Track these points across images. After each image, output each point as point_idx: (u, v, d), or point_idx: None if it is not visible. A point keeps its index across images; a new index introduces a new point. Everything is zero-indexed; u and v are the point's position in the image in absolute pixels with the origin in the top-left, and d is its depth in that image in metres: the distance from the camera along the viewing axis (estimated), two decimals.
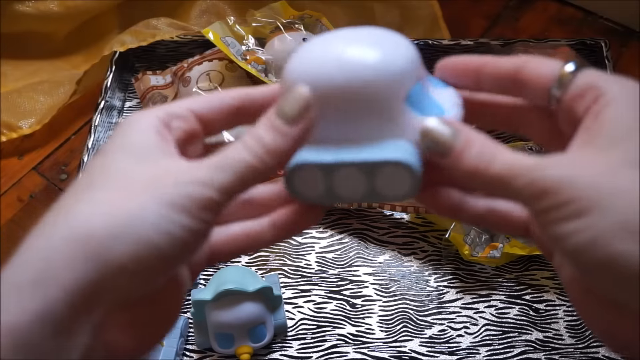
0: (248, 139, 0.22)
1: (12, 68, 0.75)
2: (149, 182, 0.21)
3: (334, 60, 0.23)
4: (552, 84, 0.22)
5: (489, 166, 0.21)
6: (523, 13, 0.78)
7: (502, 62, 0.24)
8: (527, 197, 0.20)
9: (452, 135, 0.22)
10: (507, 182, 0.20)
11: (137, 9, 0.77)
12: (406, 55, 0.24)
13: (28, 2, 0.72)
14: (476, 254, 0.56)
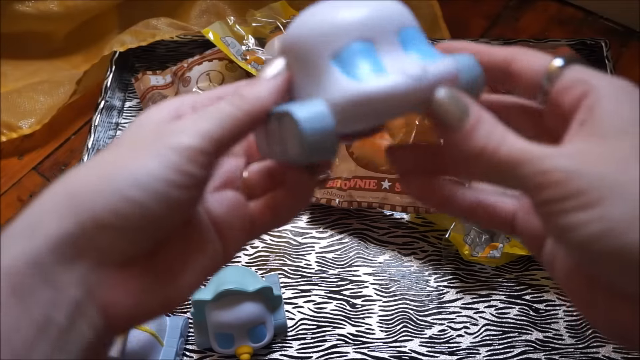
0: (229, 96, 0.23)
1: (12, 68, 0.75)
2: (139, 141, 0.21)
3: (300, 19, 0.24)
4: (542, 77, 0.22)
5: (497, 148, 0.20)
6: (523, 13, 0.78)
7: (495, 52, 0.24)
8: (534, 185, 0.20)
9: (464, 108, 0.21)
10: (514, 168, 0.20)
11: (137, 9, 0.77)
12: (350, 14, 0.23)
13: (28, 2, 0.72)
14: (476, 254, 0.56)
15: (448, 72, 0.22)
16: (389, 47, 0.23)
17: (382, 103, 0.21)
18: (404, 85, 0.21)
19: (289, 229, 0.62)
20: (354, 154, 0.63)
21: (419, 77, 0.22)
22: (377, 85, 0.21)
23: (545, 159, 0.20)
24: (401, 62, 0.22)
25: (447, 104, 0.21)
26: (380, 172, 0.60)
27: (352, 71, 0.22)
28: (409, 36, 0.23)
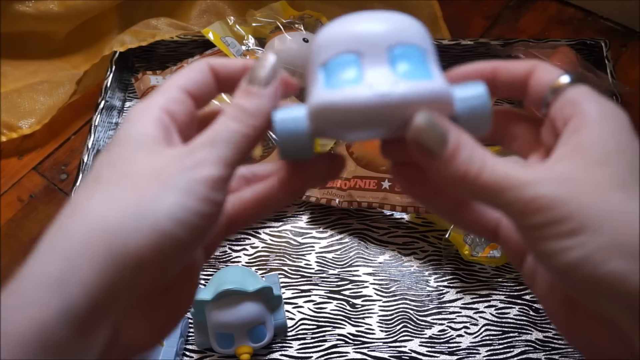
0: (230, 110, 0.23)
1: (12, 68, 0.75)
2: (155, 173, 0.21)
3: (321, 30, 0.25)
4: (547, 91, 0.22)
5: (478, 174, 0.20)
6: (523, 13, 0.78)
7: (515, 67, 0.24)
8: (518, 211, 0.20)
9: (442, 134, 0.21)
10: (497, 193, 0.20)
11: (137, 9, 0.77)
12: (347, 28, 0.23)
13: (28, 2, 0.72)
14: (476, 254, 0.56)
15: (426, 94, 0.21)
16: (375, 61, 0.22)
17: (344, 113, 0.22)
18: (365, 98, 0.21)
19: (289, 229, 0.62)
20: (354, 153, 0.63)
21: (383, 93, 0.21)
22: (338, 96, 0.22)
23: (528, 185, 0.20)
24: (378, 74, 0.22)
25: (423, 129, 0.21)
26: (380, 172, 0.60)
27: (331, 80, 0.23)
28: (403, 53, 0.23)
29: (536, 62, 0.23)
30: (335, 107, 0.22)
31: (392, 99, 0.21)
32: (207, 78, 0.24)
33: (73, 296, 0.19)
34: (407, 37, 0.23)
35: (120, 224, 0.19)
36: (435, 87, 0.22)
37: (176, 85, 0.24)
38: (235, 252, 0.61)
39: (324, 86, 0.22)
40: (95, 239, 0.19)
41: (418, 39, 0.23)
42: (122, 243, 0.19)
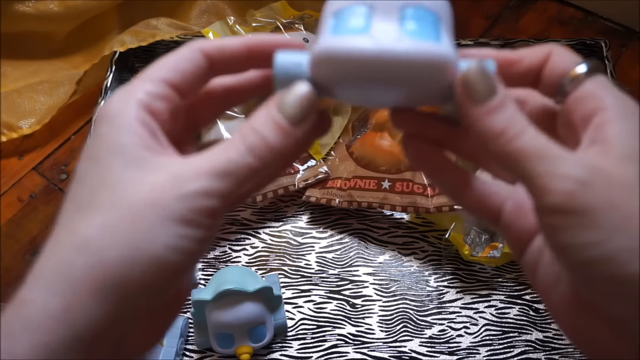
0: (250, 135, 0.21)
1: (12, 68, 0.75)
2: (152, 197, 0.20)
3: None
4: (563, 80, 0.22)
5: (516, 135, 0.20)
6: (523, 13, 0.78)
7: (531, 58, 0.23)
8: (542, 185, 0.19)
9: (492, 86, 0.20)
10: (527, 160, 0.19)
11: (137, 9, 0.77)
12: None
13: (28, 2, 0.72)
14: (476, 254, 0.56)
15: (430, 55, 0.21)
16: (385, 16, 0.22)
17: (344, 62, 0.21)
18: (366, 49, 0.20)
19: (289, 229, 0.62)
20: (354, 154, 0.63)
21: (384, 46, 0.20)
22: (340, 43, 0.21)
23: (561, 160, 0.19)
24: (383, 30, 0.21)
25: (475, 76, 0.20)
26: (380, 172, 0.60)
27: (337, 27, 0.22)
28: (415, 15, 0.22)
29: (551, 46, 0.23)
30: (335, 55, 0.21)
31: (394, 54, 0.20)
32: (198, 67, 0.23)
33: (78, 327, 0.19)
34: (424, 2, 0.22)
35: (120, 258, 0.19)
36: (441, 50, 0.21)
37: (159, 78, 0.22)
38: (235, 252, 0.61)
39: (330, 32, 0.22)
40: (97, 274, 0.19)
41: (435, 7, 0.22)
42: (123, 276, 0.19)
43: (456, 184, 0.24)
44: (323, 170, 0.62)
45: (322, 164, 0.63)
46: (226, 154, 0.21)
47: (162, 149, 0.21)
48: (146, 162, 0.21)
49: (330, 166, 0.63)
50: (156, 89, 0.22)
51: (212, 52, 0.23)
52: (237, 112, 0.63)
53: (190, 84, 0.23)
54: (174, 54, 0.23)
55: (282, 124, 0.21)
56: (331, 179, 0.62)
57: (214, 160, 0.20)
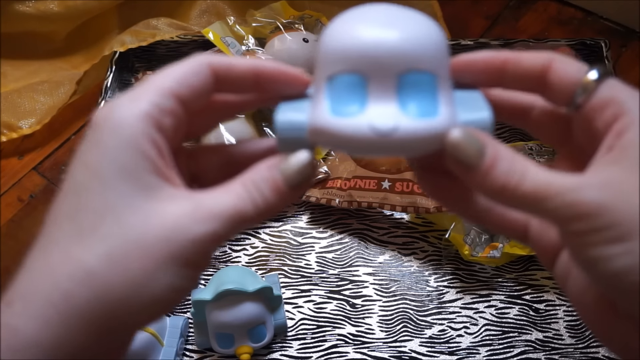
0: (252, 190, 0.21)
1: (12, 68, 0.75)
2: (163, 234, 0.20)
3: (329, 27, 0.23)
4: (575, 90, 0.21)
5: (519, 184, 0.20)
6: (523, 13, 0.78)
7: (528, 60, 0.22)
8: (563, 218, 0.19)
9: (480, 147, 0.20)
10: (540, 202, 0.19)
11: (137, 9, 0.77)
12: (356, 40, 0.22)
13: (28, 2, 0.72)
14: (476, 254, 0.56)
15: (428, 135, 0.21)
16: (382, 88, 0.22)
17: (343, 144, 0.21)
18: (363, 136, 0.21)
19: (289, 229, 0.62)
20: None
21: (382, 133, 0.21)
22: (338, 127, 0.21)
23: (572, 191, 0.19)
24: (381, 109, 0.21)
25: (461, 144, 0.20)
26: (380, 172, 0.60)
27: (333, 101, 0.22)
28: (413, 82, 0.22)
29: (551, 55, 0.22)
30: (335, 136, 0.21)
31: (392, 140, 0.21)
32: (205, 83, 0.22)
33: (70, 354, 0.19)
34: (422, 60, 0.22)
35: (125, 294, 0.19)
36: (439, 126, 0.21)
37: (168, 91, 0.21)
38: (235, 252, 0.61)
39: (328, 111, 0.22)
40: (100, 310, 0.19)
41: (433, 61, 0.22)
42: (125, 313, 0.19)
43: (477, 211, 0.24)
44: (323, 170, 0.62)
45: (322, 164, 0.63)
46: (233, 201, 0.21)
47: (169, 174, 0.21)
48: (156, 190, 0.20)
49: (330, 166, 0.63)
50: (165, 103, 0.21)
51: (220, 70, 0.22)
52: None
53: (196, 99, 0.22)
54: (182, 65, 0.22)
55: (281, 187, 0.22)
56: (331, 179, 0.62)
57: (224, 205, 0.21)
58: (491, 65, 0.23)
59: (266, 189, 0.21)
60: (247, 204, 0.21)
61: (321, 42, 0.23)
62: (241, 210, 0.21)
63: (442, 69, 0.22)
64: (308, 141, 0.22)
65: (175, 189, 0.21)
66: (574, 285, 0.23)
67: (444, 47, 0.22)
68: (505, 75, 0.23)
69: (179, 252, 0.20)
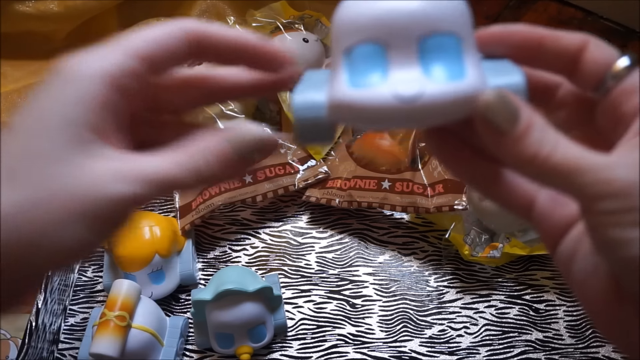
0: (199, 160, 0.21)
1: (12, 68, 0.75)
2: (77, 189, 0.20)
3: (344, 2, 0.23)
4: (606, 75, 0.21)
5: (550, 155, 0.19)
6: (523, 13, 0.78)
7: (566, 39, 0.22)
8: (591, 195, 0.19)
9: (515, 112, 0.20)
10: (569, 176, 0.19)
11: (137, 9, 0.77)
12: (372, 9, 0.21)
13: (28, 2, 0.72)
14: (476, 254, 0.56)
15: (456, 98, 0.20)
16: (403, 54, 0.21)
17: (366, 117, 0.20)
18: (387, 105, 0.20)
19: (289, 229, 0.62)
20: (354, 153, 0.63)
21: (407, 99, 0.20)
22: (360, 98, 0.20)
23: (606, 169, 0.19)
24: (404, 75, 0.20)
25: (495, 106, 0.20)
26: (380, 172, 0.60)
27: (352, 73, 0.21)
28: (436, 45, 0.21)
29: (587, 36, 0.22)
30: (357, 109, 0.20)
31: (417, 106, 0.20)
32: (178, 46, 0.22)
33: None
34: (444, 21, 0.21)
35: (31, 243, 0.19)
36: (468, 88, 0.20)
37: (134, 51, 0.21)
38: (235, 252, 0.61)
39: (347, 83, 0.21)
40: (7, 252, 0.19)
41: (455, 23, 0.21)
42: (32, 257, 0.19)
43: (486, 179, 0.24)
44: (323, 170, 0.62)
45: (322, 164, 0.63)
46: (167, 167, 0.20)
47: (113, 135, 0.21)
48: (92, 148, 0.20)
49: (330, 166, 0.63)
50: (128, 63, 0.21)
51: (199, 36, 0.22)
52: (237, 112, 0.63)
53: (166, 62, 0.22)
54: (158, 26, 0.22)
55: (231, 160, 0.21)
56: (331, 179, 0.62)
57: (154, 169, 0.20)
58: (529, 39, 0.22)
59: (214, 162, 0.21)
60: (186, 173, 0.21)
61: (335, 16, 0.22)
62: (174, 177, 0.20)
63: (465, 31, 0.21)
64: (328, 120, 0.22)
65: (113, 150, 0.20)
66: (578, 268, 0.22)
67: (465, 9, 0.22)
68: (540, 52, 0.22)
69: (93, 209, 0.19)
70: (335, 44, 0.22)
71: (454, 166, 0.24)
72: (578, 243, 0.23)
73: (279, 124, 0.65)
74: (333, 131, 0.22)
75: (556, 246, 0.23)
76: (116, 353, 0.47)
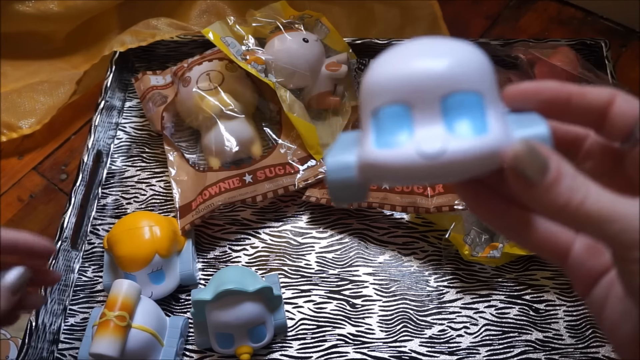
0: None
1: (12, 68, 0.75)
2: None
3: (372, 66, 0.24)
4: (635, 126, 0.21)
5: (582, 203, 0.19)
6: (523, 13, 0.78)
7: (593, 95, 0.22)
8: (625, 243, 0.19)
9: (544, 162, 0.20)
10: (602, 223, 0.19)
11: (137, 9, 0.77)
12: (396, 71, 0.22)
13: (28, 2, 0.72)
14: (476, 254, 0.56)
15: (480, 153, 0.20)
16: (427, 113, 0.21)
17: (393, 175, 0.21)
18: (412, 163, 0.21)
19: (289, 229, 0.62)
20: None
21: (431, 156, 0.20)
22: (386, 158, 0.21)
23: (634, 215, 0.19)
24: (428, 133, 0.21)
25: (524, 157, 0.20)
26: None
27: (379, 134, 0.22)
28: (458, 103, 0.21)
29: (615, 91, 0.22)
30: (384, 168, 0.21)
31: (442, 162, 0.20)
32: None
33: None
34: (465, 81, 0.22)
35: None
36: (491, 144, 0.21)
37: None
38: (235, 252, 0.61)
39: (374, 143, 0.22)
40: None
41: (476, 82, 0.22)
42: None
43: (519, 227, 0.24)
44: (323, 170, 0.62)
45: (322, 164, 0.63)
46: None
47: None
48: None
49: None
50: None
51: None
52: (238, 112, 0.63)
53: None
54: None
55: None
56: None
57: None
58: (557, 96, 0.23)
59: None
60: None
61: (363, 81, 0.23)
62: None
63: (487, 87, 0.22)
64: (358, 180, 0.23)
65: None
66: (610, 312, 0.23)
67: (485, 66, 0.22)
68: (568, 107, 0.23)
69: None
70: (364, 106, 0.23)
71: (487, 216, 0.24)
72: (611, 288, 0.23)
73: (279, 124, 0.65)
74: (366, 190, 0.23)
75: (589, 291, 0.24)
76: (116, 353, 0.47)
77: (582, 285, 0.24)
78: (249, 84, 0.66)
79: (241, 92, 0.64)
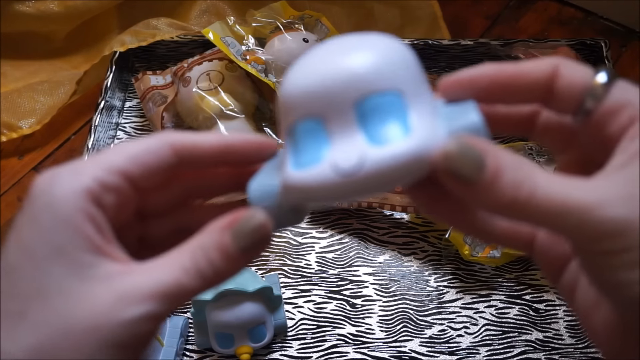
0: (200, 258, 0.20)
1: (12, 68, 0.75)
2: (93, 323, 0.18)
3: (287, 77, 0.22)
4: (584, 96, 0.19)
5: (530, 197, 0.17)
6: (523, 13, 0.78)
7: (533, 71, 0.20)
8: (583, 236, 0.17)
9: (478, 158, 0.18)
10: (557, 217, 0.17)
11: (137, 9, 0.77)
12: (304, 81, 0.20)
13: (28, 2, 0.72)
14: (476, 254, 0.56)
15: (402, 160, 0.18)
16: (341, 124, 0.19)
17: (313, 197, 0.19)
18: (329, 182, 0.19)
19: (289, 229, 0.62)
20: None
21: (348, 172, 0.18)
22: (302, 179, 0.19)
23: (595, 208, 0.17)
24: (345, 146, 0.19)
25: (455, 156, 0.18)
26: None
27: (296, 154, 0.20)
28: (374, 107, 0.19)
29: (557, 60, 0.20)
30: (302, 190, 0.19)
31: (362, 177, 0.18)
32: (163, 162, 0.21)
33: None
34: (378, 80, 0.19)
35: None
36: (415, 147, 0.18)
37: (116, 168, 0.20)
38: None
39: (291, 165, 0.20)
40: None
41: (393, 79, 0.19)
42: None
43: (479, 225, 0.22)
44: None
45: None
46: (175, 277, 0.19)
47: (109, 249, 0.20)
48: (92, 269, 0.19)
49: None
50: (109, 179, 0.20)
51: (184, 150, 0.21)
52: (238, 112, 0.63)
53: (150, 178, 0.21)
54: (141, 142, 0.21)
55: (233, 253, 0.20)
56: None
57: (162, 283, 0.19)
58: (495, 81, 0.21)
59: (216, 258, 0.20)
60: (192, 277, 0.19)
61: (279, 97, 0.21)
62: (185, 284, 0.19)
63: (408, 83, 0.20)
64: (286, 205, 0.21)
65: (114, 263, 0.19)
66: (581, 299, 0.22)
67: (403, 60, 0.20)
68: (511, 90, 0.21)
69: (111, 337, 0.18)
70: (281, 124, 0.21)
71: (443, 217, 0.22)
72: (578, 275, 0.22)
73: None
74: (300, 213, 0.22)
75: (558, 278, 0.23)
76: None
77: (551, 273, 0.23)
78: (249, 84, 0.66)
79: (241, 92, 0.64)
